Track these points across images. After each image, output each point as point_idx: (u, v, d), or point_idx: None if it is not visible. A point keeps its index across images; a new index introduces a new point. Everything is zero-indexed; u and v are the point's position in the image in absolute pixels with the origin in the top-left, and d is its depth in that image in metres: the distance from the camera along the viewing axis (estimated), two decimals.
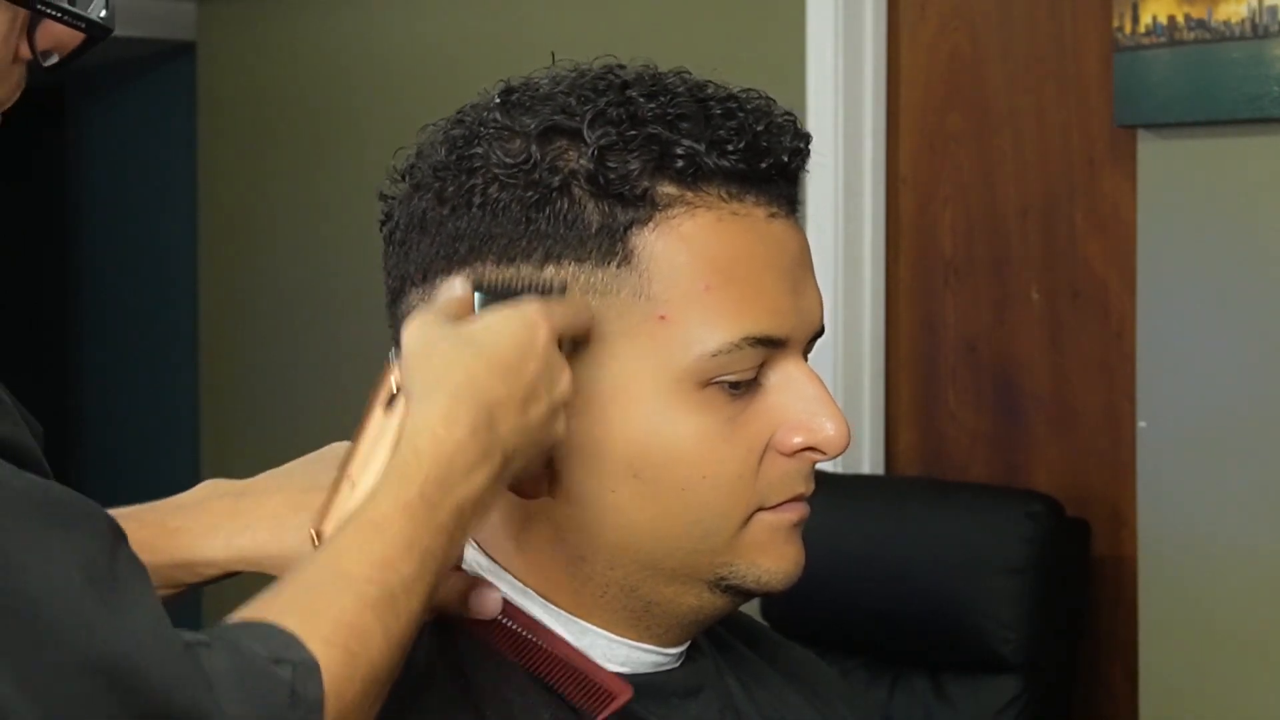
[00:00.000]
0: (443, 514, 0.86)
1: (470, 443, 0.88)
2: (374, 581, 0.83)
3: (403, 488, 0.86)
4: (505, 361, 0.91)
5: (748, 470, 1.00)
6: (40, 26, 0.88)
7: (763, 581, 1.02)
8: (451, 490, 0.87)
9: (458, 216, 1.00)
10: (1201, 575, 2.38)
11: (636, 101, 0.99)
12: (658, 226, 0.98)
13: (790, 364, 1.01)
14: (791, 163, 1.01)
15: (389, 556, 0.84)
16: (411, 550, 0.84)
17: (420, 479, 0.86)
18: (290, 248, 3.94)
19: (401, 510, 0.85)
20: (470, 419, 0.88)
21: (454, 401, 0.89)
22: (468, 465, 0.88)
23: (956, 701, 2.48)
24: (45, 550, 0.75)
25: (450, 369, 0.90)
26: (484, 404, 0.89)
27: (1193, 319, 2.40)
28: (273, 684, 0.77)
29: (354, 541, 0.85)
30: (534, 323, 0.93)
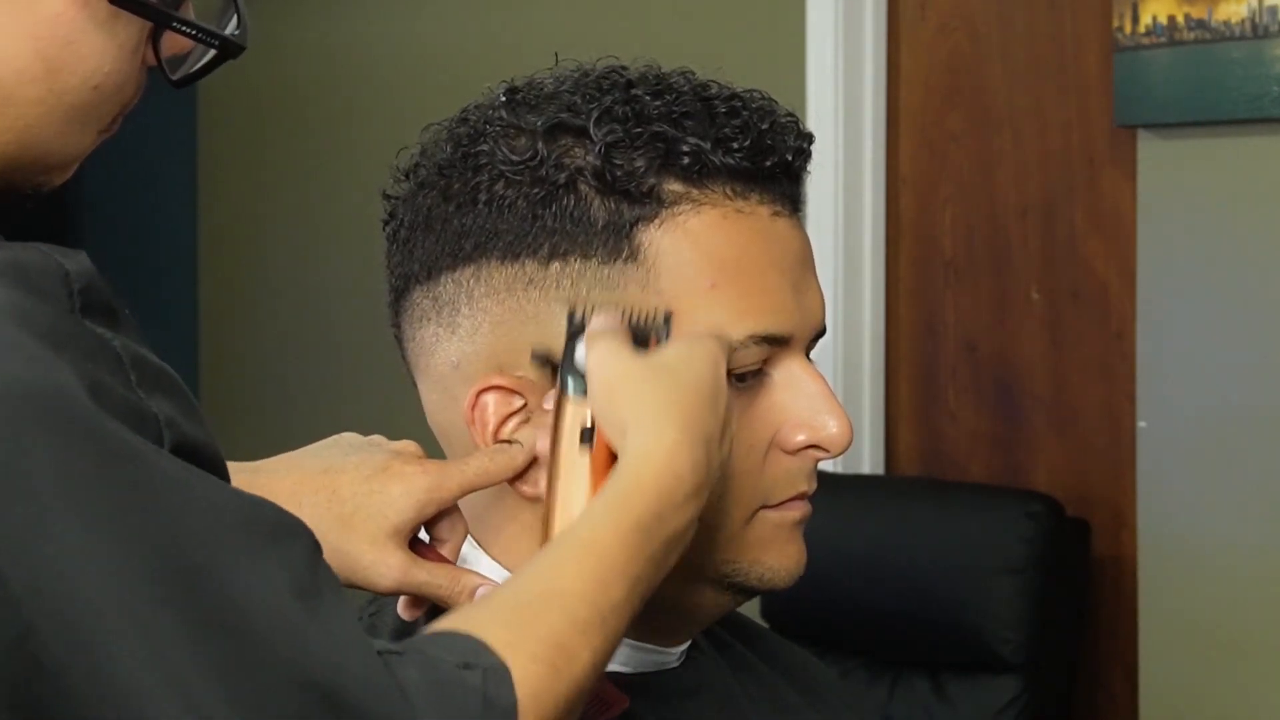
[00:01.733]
0: (655, 544, 0.86)
1: (690, 477, 0.88)
2: (586, 601, 0.82)
3: (622, 515, 0.86)
4: (711, 394, 0.91)
5: (750, 467, 1.00)
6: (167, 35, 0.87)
7: (765, 579, 1.02)
8: (666, 522, 0.87)
9: (463, 214, 1.00)
10: (1201, 575, 2.38)
11: (642, 100, 0.99)
12: (663, 223, 0.99)
13: (793, 362, 1.01)
14: (795, 161, 1.02)
15: (603, 579, 0.83)
16: (624, 577, 0.84)
17: (640, 509, 0.86)
18: (290, 247, 3.94)
19: (618, 537, 0.85)
20: (691, 454, 0.88)
21: (680, 434, 0.88)
22: (684, 498, 0.88)
23: (956, 701, 2.48)
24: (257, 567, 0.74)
25: (665, 401, 0.90)
26: (702, 438, 0.89)
27: (1193, 319, 2.40)
28: (464, 690, 0.76)
29: (569, 560, 0.84)
30: (718, 356, 0.93)
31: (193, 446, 0.79)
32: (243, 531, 0.76)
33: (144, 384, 0.78)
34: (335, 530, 0.98)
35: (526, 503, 1.01)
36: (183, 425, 0.79)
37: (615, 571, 0.84)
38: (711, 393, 0.91)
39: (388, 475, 0.99)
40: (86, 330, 0.77)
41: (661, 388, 0.90)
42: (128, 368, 0.77)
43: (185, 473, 0.76)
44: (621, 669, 1.03)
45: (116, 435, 0.73)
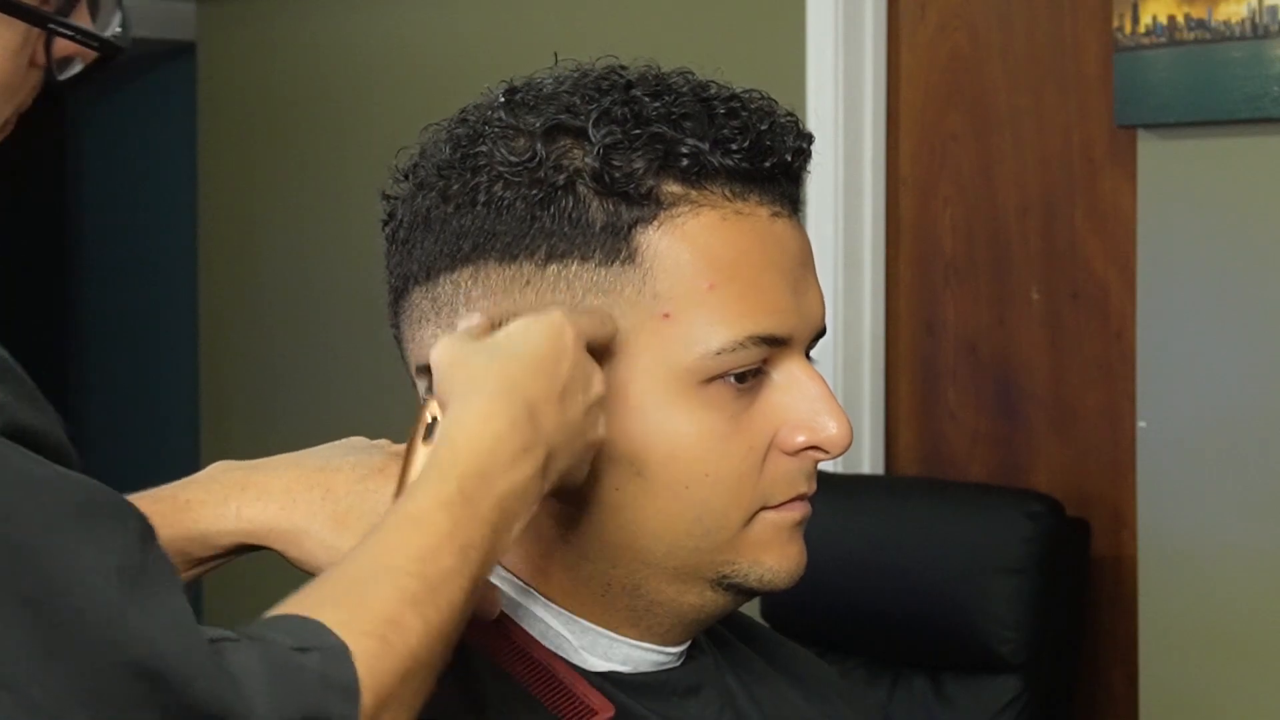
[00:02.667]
0: (484, 507, 0.87)
1: (510, 436, 0.89)
2: (412, 574, 0.83)
3: (440, 484, 0.86)
4: (540, 360, 0.92)
5: (750, 469, 1.00)
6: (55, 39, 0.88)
7: (765, 580, 1.02)
8: (492, 484, 0.87)
9: (462, 214, 1.00)
10: (1201, 575, 2.38)
11: (641, 101, 0.99)
12: (662, 225, 0.98)
13: (793, 363, 1.01)
14: (794, 162, 1.02)
15: (428, 549, 0.84)
16: (451, 543, 0.85)
17: (457, 474, 0.87)
18: (290, 247, 3.94)
19: (440, 505, 0.86)
20: (509, 414, 0.89)
21: (490, 399, 0.89)
22: (509, 459, 0.88)
23: (956, 701, 2.48)
24: (81, 548, 0.75)
25: (486, 372, 0.91)
26: (522, 399, 0.90)
27: (1193, 319, 2.40)
28: (301, 672, 0.77)
29: (391, 536, 0.85)
30: (561, 326, 0.93)
31: (27, 431, 0.79)
32: (68, 512, 0.76)
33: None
34: (328, 527, 0.99)
35: None
36: (15, 410, 0.79)
37: (440, 539, 0.84)
38: (537, 358, 0.91)
39: (383, 476, 1.01)
40: None
41: (483, 362, 0.91)
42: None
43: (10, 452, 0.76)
44: (620, 668, 1.03)
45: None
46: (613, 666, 1.03)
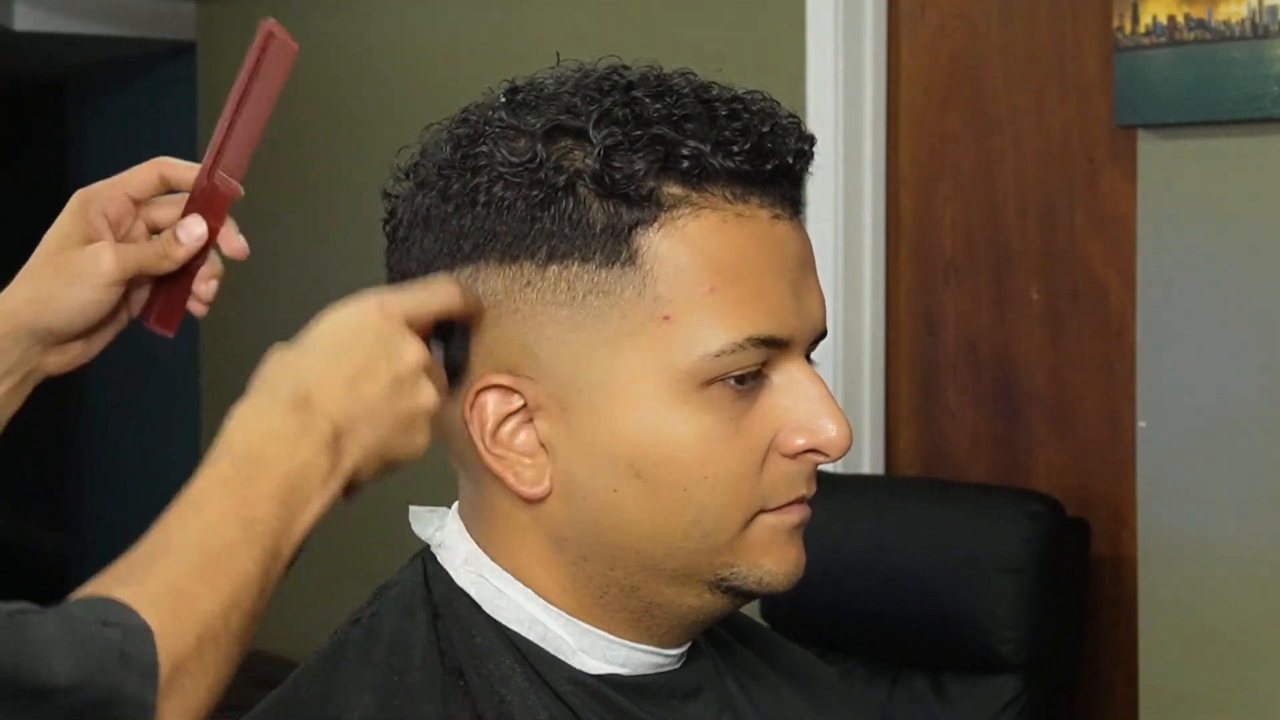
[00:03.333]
0: (265, 484, 0.91)
1: (284, 422, 0.93)
2: (193, 547, 0.87)
3: (215, 466, 0.91)
4: (326, 348, 0.96)
5: (749, 471, 1.00)
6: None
7: (764, 583, 1.02)
8: (270, 463, 0.91)
9: (461, 214, 1.00)
10: (1201, 575, 2.38)
11: (642, 102, 0.99)
12: (662, 227, 0.98)
13: (793, 365, 1.01)
14: (796, 164, 1.01)
15: (207, 524, 0.88)
16: (232, 518, 0.89)
17: (231, 456, 0.91)
18: (291, 246, 3.94)
19: (216, 485, 0.90)
20: (281, 401, 0.93)
21: (266, 393, 0.94)
22: (287, 440, 0.92)
23: (956, 701, 2.48)
24: None
25: (272, 370, 0.96)
26: (296, 387, 0.94)
27: (1193, 319, 2.40)
28: (102, 645, 0.81)
29: (175, 519, 0.89)
30: (362, 310, 0.97)
31: None
32: None
33: None
34: None
35: (524, 505, 1.02)
36: None
37: (219, 515, 0.89)
38: (322, 345, 0.96)
39: None
40: None
41: (274, 362, 0.96)
42: None
43: None
44: (620, 671, 1.03)
45: None
46: (612, 669, 1.03)
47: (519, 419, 1.00)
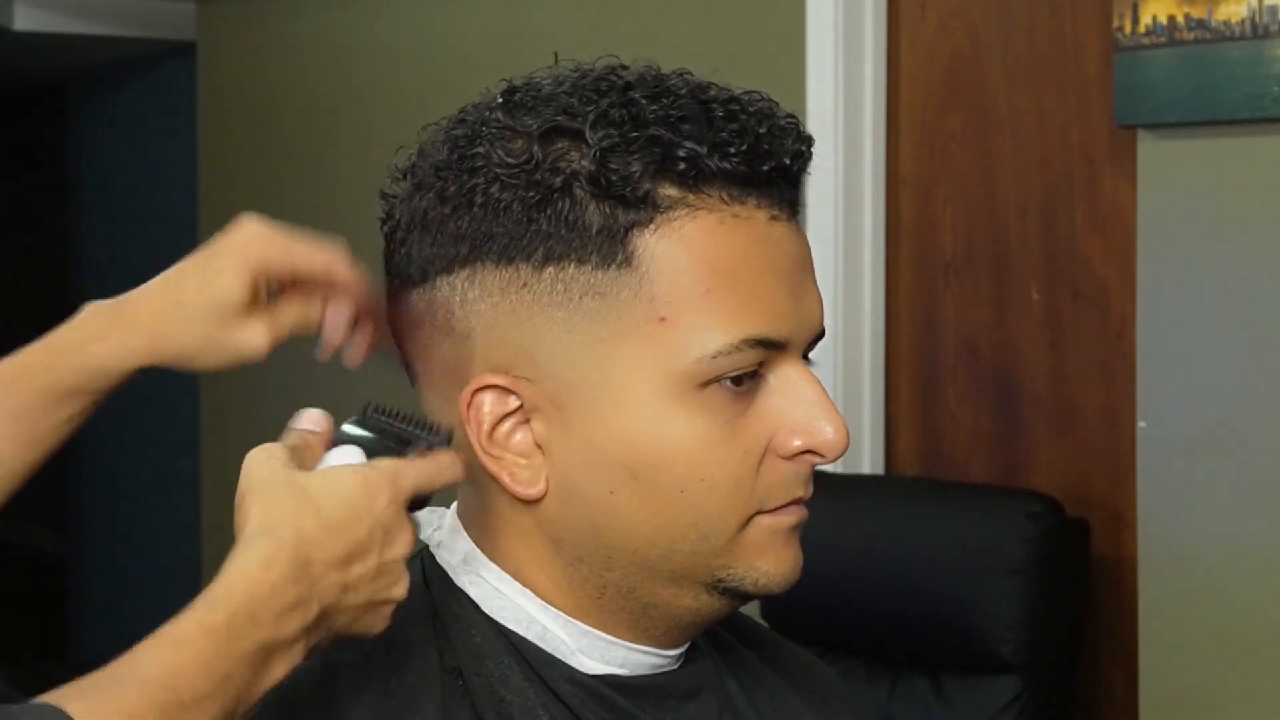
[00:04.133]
0: (247, 645, 0.89)
1: (284, 589, 0.91)
2: (164, 686, 0.86)
3: (209, 613, 0.89)
4: (335, 520, 0.94)
5: (746, 473, 0.99)
6: None
7: (760, 584, 1.02)
8: (260, 626, 0.90)
9: (459, 216, 1.00)
10: (1201, 575, 2.38)
11: (639, 103, 0.99)
12: (659, 229, 0.98)
13: (790, 367, 1.01)
14: (793, 165, 1.01)
15: (184, 668, 0.87)
16: (210, 670, 0.88)
17: (228, 609, 0.89)
18: None
19: (204, 632, 0.89)
20: (288, 568, 0.91)
21: (276, 549, 0.92)
22: (280, 608, 0.91)
23: (956, 701, 2.48)
24: None
25: (282, 519, 0.93)
26: (303, 556, 0.92)
27: (1193, 319, 2.40)
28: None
29: (151, 650, 0.88)
30: (375, 489, 0.95)
31: None
32: None
33: None
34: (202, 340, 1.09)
35: (521, 505, 1.01)
36: None
37: (198, 663, 0.87)
38: (335, 518, 0.93)
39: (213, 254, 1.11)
40: None
41: (285, 506, 0.93)
42: None
43: None
44: (618, 671, 1.03)
45: None
46: (610, 669, 1.03)
47: (515, 419, 1.00)
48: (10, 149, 6.75)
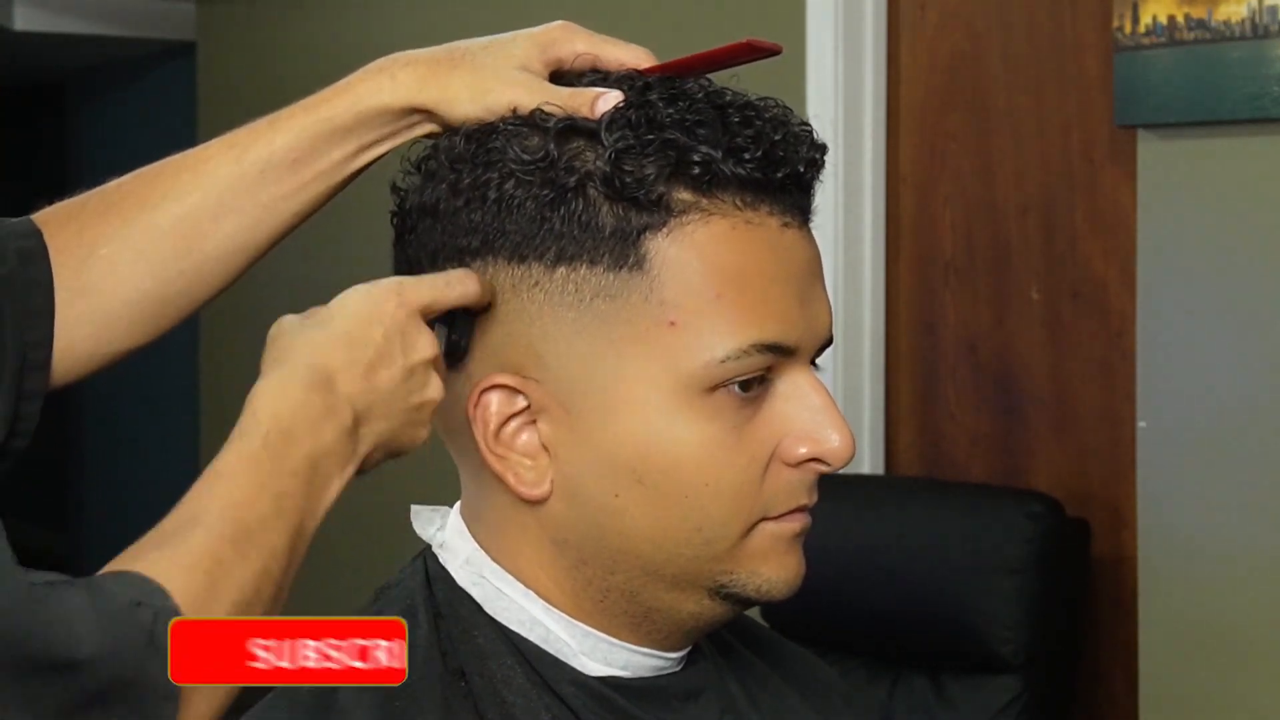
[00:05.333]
0: (292, 462, 0.91)
1: (309, 400, 0.93)
2: (226, 519, 0.88)
3: (244, 442, 0.91)
4: (346, 331, 0.95)
5: (751, 479, 0.99)
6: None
7: (763, 591, 1.01)
8: (297, 441, 0.92)
9: (471, 209, 1.00)
10: (1201, 575, 2.38)
11: (655, 106, 0.99)
12: (671, 232, 0.98)
13: (798, 374, 1.01)
14: (807, 173, 1.01)
15: (238, 498, 0.89)
16: (263, 492, 0.89)
17: (260, 432, 0.91)
18: (290, 247, 3.94)
19: (246, 460, 0.90)
20: (305, 381, 0.93)
21: (290, 369, 0.94)
22: (311, 421, 0.92)
23: (956, 701, 2.48)
24: None
25: (292, 346, 0.95)
26: (321, 367, 0.94)
27: (1193, 319, 2.40)
28: (131, 625, 0.81)
29: (202, 490, 0.89)
30: (381, 296, 0.97)
31: None
32: None
33: None
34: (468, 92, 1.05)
35: (525, 507, 1.01)
36: None
37: (252, 488, 0.89)
38: (344, 328, 0.96)
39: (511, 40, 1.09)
40: None
41: (295, 335, 0.96)
42: None
43: None
44: (621, 673, 1.03)
45: None
46: (613, 671, 1.03)
47: (522, 420, 1.00)
48: (10, 149, 6.75)
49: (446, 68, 1.07)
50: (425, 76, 1.07)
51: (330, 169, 1.10)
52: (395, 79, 1.08)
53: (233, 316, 4.11)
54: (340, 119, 1.08)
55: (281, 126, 1.10)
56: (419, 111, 1.07)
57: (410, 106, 1.07)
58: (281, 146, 1.10)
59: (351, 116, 1.08)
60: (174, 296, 1.13)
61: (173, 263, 1.11)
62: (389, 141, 1.10)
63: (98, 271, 1.10)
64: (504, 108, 1.02)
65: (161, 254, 1.11)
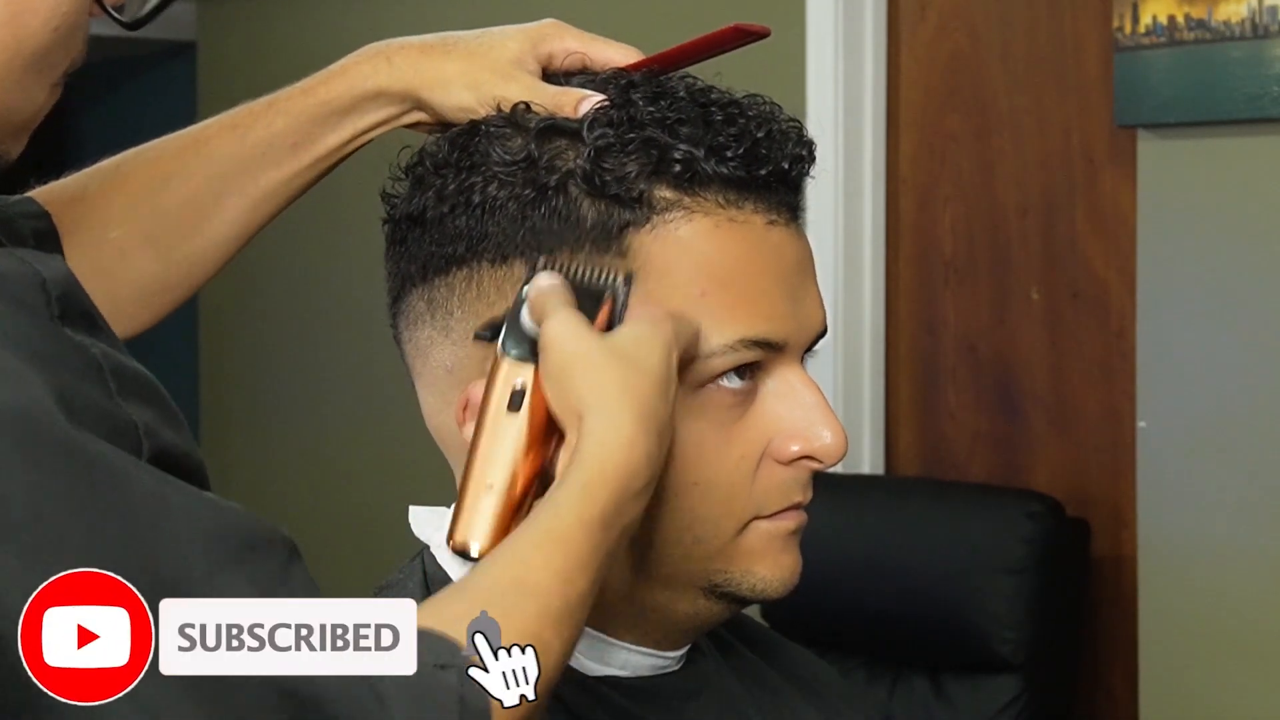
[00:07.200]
0: (614, 534, 0.86)
1: (645, 470, 0.87)
2: (556, 595, 0.82)
3: (587, 505, 0.85)
4: (664, 381, 0.90)
5: (741, 478, 0.99)
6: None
7: (758, 590, 1.01)
8: (624, 515, 0.87)
9: (456, 215, 0.99)
10: (1201, 575, 2.38)
11: (637, 104, 0.98)
12: (654, 230, 0.97)
13: (788, 371, 1.00)
14: (792, 170, 1.00)
15: (570, 571, 0.83)
16: (588, 569, 0.84)
17: (604, 499, 0.85)
18: (290, 246, 3.93)
19: (584, 527, 0.84)
20: (647, 445, 0.87)
21: (637, 426, 0.87)
22: (639, 490, 0.87)
23: (956, 701, 2.48)
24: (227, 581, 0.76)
25: (617, 385, 0.88)
26: (656, 429, 0.88)
27: (1193, 319, 2.40)
28: (441, 690, 0.77)
29: (538, 553, 0.83)
30: (672, 341, 0.92)
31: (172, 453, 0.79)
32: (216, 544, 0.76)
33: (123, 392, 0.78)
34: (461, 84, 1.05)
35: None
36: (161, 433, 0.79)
37: (581, 563, 0.83)
38: (665, 380, 0.90)
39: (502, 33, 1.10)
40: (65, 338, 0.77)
41: (619, 374, 0.88)
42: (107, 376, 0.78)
43: (160, 485, 0.76)
44: (619, 673, 1.03)
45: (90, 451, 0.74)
46: (611, 671, 1.03)
47: None
48: None
49: (440, 53, 1.07)
50: (420, 61, 1.07)
51: (326, 153, 1.11)
52: (391, 62, 1.08)
53: (233, 314, 4.11)
54: (338, 102, 1.08)
55: (281, 109, 1.10)
56: (412, 97, 1.07)
57: (406, 90, 1.07)
58: (282, 129, 1.10)
59: (349, 99, 1.09)
60: (176, 280, 1.12)
61: (178, 245, 1.10)
62: (383, 126, 1.10)
63: (110, 255, 1.09)
64: (495, 99, 1.03)
65: (169, 237, 1.10)
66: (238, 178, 1.10)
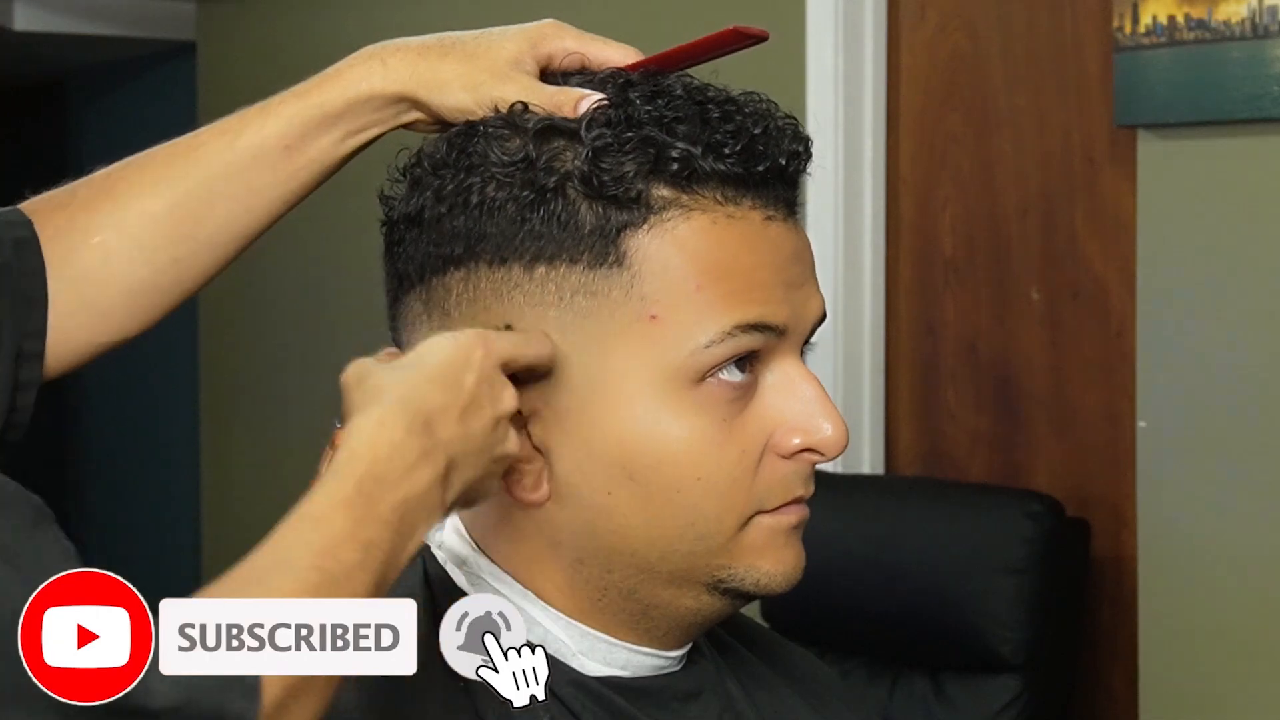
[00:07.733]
0: (383, 508, 0.88)
1: (407, 443, 0.89)
2: (314, 568, 0.85)
3: (339, 484, 0.87)
4: (441, 373, 0.92)
5: (743, 473, 0.99)
6: None
7: (761, 584, 1.01)
8: (391, 487, 0.88)
9: (454, 216, 1.00)
10: (1201, 575, 2.38)
11: (634, 103, 0.99)
12: (652, 229, 0.98)
13: (787, 364, 1.00)
14: (790, 166, 1.01)
15: (328, 546, 0.85)
16: (353, 540, 0.86)
17: (356, 476, 0.88)
18: (290, 247, 3.94)
19: (339, 504, 0.87)
20: (405, 422, 0.90)
21: (388, 408, 0.90)
22: (406, 465, 0.89)
23: (956, 701, 2.48)
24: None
25: (386, 385, 0.91)
26: (419, 409, 0.90)
27: (1193, 319, 2.40)
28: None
29: (293, 534, 0.86)
30: (470, 343, 0.94)
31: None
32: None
33: None
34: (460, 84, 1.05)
35: (519, 506, 1.01)
36: None
37: (340, 536, 0.86)
38: (439, 372, 0.92)
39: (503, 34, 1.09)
40: None
41: (386, 377, 0.92)
42: None
43: None
44: (620, 673, 1.03)
45: None
46: (612, 671, 1.03)
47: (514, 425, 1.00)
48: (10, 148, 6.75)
49: (437, 55, 1.07)
50: (416, 63, 1.07)
51: (321, 155, 1.10)
52: (386, 65, 1.08)
53: (233, 316, 4.11)
54: (332, 105, 1.08)
55: (273, 113, 1.10)
56: (409, 99, 1.07)
57: (401, 93, 1.07)
58: (274, 133, 1.09)
59: (343, 102, 1.08)
60: (167, 284, 1.12)
61: (166, 250, 1.10)
62: (378, 127, 1.10)
63: (92, 260, 1.09)
64: (493, 101, 1.03)
65: (155, 241, 1.10)
66: (229, 181, 1.10)
